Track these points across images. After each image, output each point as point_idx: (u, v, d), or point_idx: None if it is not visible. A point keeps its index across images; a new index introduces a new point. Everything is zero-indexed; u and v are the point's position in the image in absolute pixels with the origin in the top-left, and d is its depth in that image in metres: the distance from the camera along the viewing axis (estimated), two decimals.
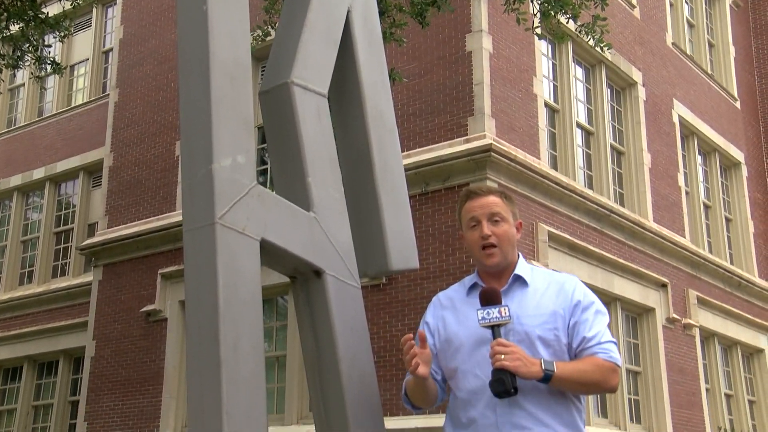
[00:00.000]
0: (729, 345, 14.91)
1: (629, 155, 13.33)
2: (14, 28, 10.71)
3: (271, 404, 11.01)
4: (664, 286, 12.87)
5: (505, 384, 2.23)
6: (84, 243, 14.10)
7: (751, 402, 15.08)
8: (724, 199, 16.26)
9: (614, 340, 2.44)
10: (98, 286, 13.31)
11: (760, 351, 15.51)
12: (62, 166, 16.70)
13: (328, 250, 2.52)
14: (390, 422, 8.98)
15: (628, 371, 12.11)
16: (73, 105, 17.36)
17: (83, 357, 13.51)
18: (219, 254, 2.10)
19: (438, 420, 8.99)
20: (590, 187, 12.28)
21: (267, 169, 12.18)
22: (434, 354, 2.49)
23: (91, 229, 15.58)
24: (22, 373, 15.85)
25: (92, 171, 16.27)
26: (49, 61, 10.95)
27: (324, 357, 2.47)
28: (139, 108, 13.88)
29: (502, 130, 10.34)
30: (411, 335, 2.36)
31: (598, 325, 2.41)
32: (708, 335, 14.17)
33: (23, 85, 17.99)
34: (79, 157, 16.45)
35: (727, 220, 16.21)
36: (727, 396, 14.53)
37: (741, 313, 14.97)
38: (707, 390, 13.76)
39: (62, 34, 10.95)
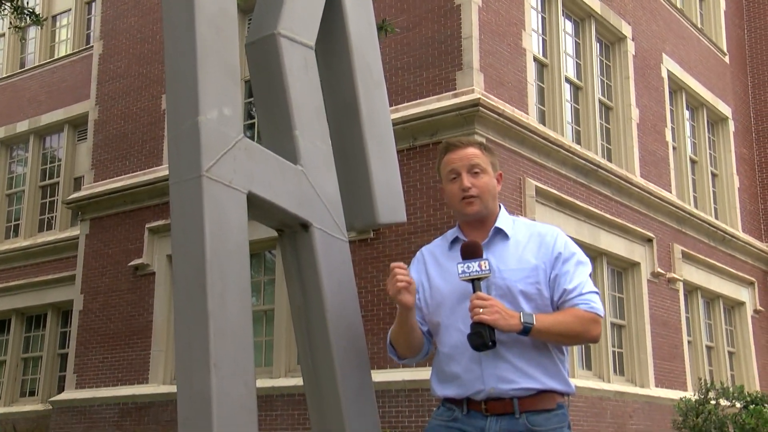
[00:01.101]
0: (711, 298, 15.13)
1: (617, 110, 13.32)
2: None
3: (259, 357, 11.10)
4: (649, 240, 12.98)
5: (483, 337, 2.23)
6: (70, 197, 14.03)
7: (730, 353, 15.37)
8: (710, 154, 16.32)
9: (596, 290, 2.43)
10: (85, 240, 13.29)
11: (741, 304, 15.75)
12: (46, 119, 16.51)
13: (316, 203, 2.52)
14: (377, 375, 9.09)
15: (613, 325, 12.27)
16: (56, 57, 17.10)
17: (71, 310, 13.55)
18: (206, 207, 2.09)
19: (424, 373, 9.10)
20: (578, 142, 12.29)
21: (254, 123, 12.10)
22: (419, 308, 2.50)
23: (77, 183, 15.49)
24: (11, 326, 15.89)
25: (77, 124, 16.11)
26: (27, 12, 10.72)
27: (311, 310, 2.48)
28: (124, 61, 13.70)
29: (491, 85, 10.28)
30: (401, 263, 2.36)
31: (579, 276, 2.40)
32: (691, 289, 14.36)
33: (3, 35, 17.68)
34: (64, 110, 16.27)
35: (713, 175, 16.30)
36: (708, 348, 14.80)
37: (724, 267, 15.16)
38: (689, 342, 13.99)
39: None
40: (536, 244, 2.44)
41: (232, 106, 2.28)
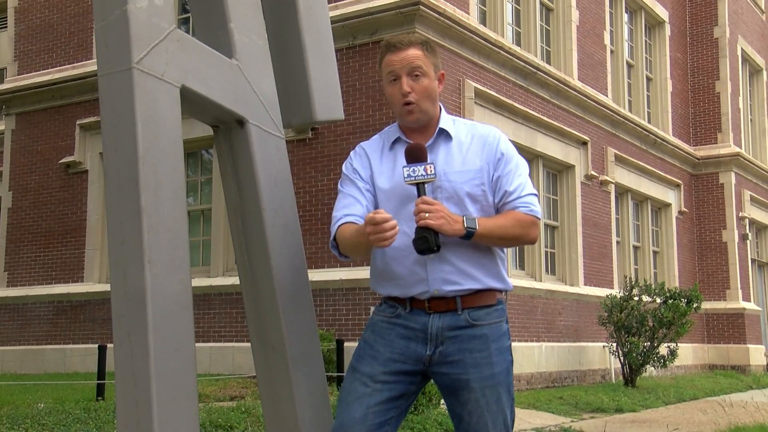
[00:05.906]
0: (640, 200, 15.62)
1: (558, 12, 13.25)
2: None
3: (197, 257, 11.08)
4: (584, 143, 13.21)
5: (428, 242, 2.26)
6: None
7: (655, 252, 16.04)
8: (646, 58, 16.50)
9: (535, 192, 2.47)
10: (12, 135, 12.83)
11: (668, 205, 16.33)
12: None
13: (251, 99, 2.46)
14: (315, 274, 9.20)
15: (547, 226, 12.59)
16: None
17: None
18: (137, 101, 2.01)
19: (361, 272, 9.24)
20: (518, 44, 12.24)
21: (189, 18, 11.66)
22: (368, 202, 2.44)
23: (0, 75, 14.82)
24: None
25: None
26: None
27: (247, 208, 2.46)
28: None
29: None
30: (390, 218, 2.19)
31: (519, 178, 2.43)
32: (622, 191, 14.78)
33: None
34: None
35: (648, 79, 16.54)
36: (635, 248, 15.40)
37: (654, 170, 15.61)
38: (618, 243, 14.51)
39: None
40: (479, 146, 2.45)
41: None
